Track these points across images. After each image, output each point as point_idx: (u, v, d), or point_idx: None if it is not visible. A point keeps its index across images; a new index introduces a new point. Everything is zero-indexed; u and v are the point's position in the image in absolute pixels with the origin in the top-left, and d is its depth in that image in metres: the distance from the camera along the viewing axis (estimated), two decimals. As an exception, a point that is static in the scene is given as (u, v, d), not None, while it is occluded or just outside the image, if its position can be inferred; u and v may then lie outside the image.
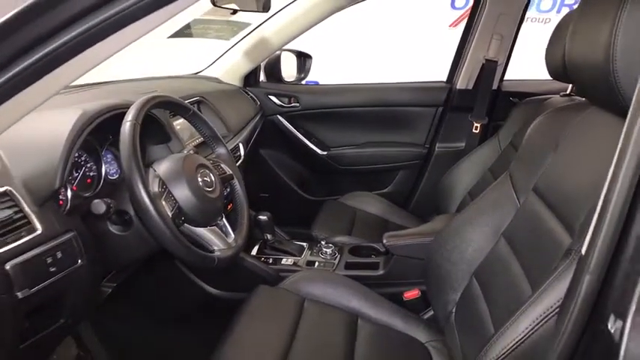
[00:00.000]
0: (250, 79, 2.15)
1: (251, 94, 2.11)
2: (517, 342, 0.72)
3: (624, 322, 0.51)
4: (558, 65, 1.29)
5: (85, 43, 0.57)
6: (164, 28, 0.65)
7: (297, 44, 2.10)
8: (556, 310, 0.65)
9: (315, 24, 2.00)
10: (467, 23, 2.03)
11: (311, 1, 1.92)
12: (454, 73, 2.11)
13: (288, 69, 2.24)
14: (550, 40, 1.39)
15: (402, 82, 2.24)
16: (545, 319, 0.69)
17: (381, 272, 1.53)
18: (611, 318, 0.52)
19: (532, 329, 0.70)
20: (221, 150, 1.28)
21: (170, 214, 0.95)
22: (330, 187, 2.27)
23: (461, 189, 1.90)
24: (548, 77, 1.36)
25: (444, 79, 2.18)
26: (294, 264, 1.57)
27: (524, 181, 1.10)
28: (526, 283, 0.92)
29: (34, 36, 0.55)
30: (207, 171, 1.09)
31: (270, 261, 1.58)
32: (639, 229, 0.52)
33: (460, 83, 2.08)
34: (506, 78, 2.11)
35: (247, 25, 2.05)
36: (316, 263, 1.57)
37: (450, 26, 4.47)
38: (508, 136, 1.80)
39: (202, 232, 1.05)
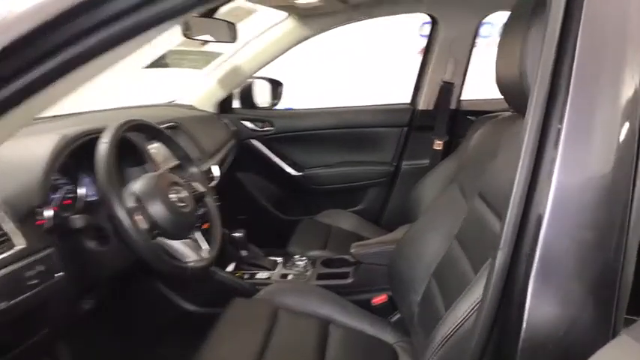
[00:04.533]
0: (224, 105, 2.25)
1: (225, 120, 2.21)
2: (457, 324, 0.80)
3: (527, 286, 0.61)
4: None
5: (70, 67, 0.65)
6: (139, 59, 0.74)
7: (280, 69, 2.22)
8: None
9: (284, 52, 2.13)
10: (425, 48, 2.19)
11: (279, 31, 2.06)
12: (416, 95, 2.25)
13: (262, 95, 2.35)
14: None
15: (370, 105, 2.37)
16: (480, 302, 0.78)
17: (350, 280, 1.61)
18: (519, 284, 0.62)
19: (470, 311, 0.79)
20: (193, 170, 1.36)
21: (145, 226, 1.03)
22: (305, 206, 2.36)
23: (426, 202, 1.99)
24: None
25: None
26: (269, 277, 1.64)
27: (471, 188, 1.21)
28: (473, 277, 1.01)
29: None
30: (179, 188, 1.18)
31: (246, 276, 1.65)
32: (537, 212, 0.63)
33: (422, 104, 2.22)
34: (465, 98, 2.25)
35: (220, 54, 2.17)
36: (290, 275, 1.65)
37: (419, 53, 4.68)
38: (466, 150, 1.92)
39: (177, 244, 1.12)
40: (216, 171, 1.75)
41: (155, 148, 1.47)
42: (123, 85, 2.14)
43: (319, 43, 2.24)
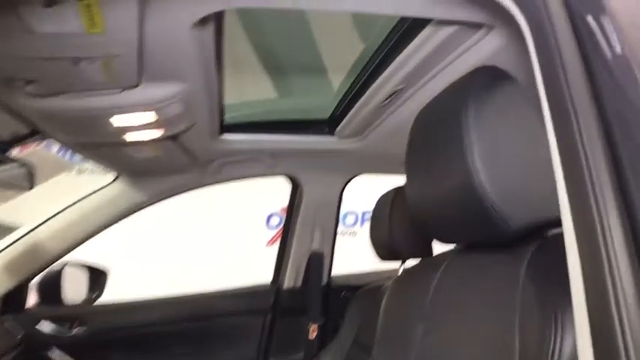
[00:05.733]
0: (11, 302, 1.57)
1: (8, 323, 1.51)
2: None
3: None
4: (386, 245, 1.28)
5: None
6: None
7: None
8: None
9: (110, 226, 1.67)
10: (286, 217, 1.94)
11: (104, 196, 1.63)
12: (279, 271, 1.91)
13: (74, 287, 1.75)
14: (372, 227, 1.36)
15: (220, 289, 1.91)
16: None
17: None
18: None
19: None
20: None
21: None
22: None
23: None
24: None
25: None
26: None
27: None
28: None
29: None
30: None
31: None
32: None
33: (287, 282, 1.88)
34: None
35: (13, 229, 1.59)
36: None
37: (267, 245, 4.52)
38: (350, 334, 1.56)
39: None
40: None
41: None
42: None
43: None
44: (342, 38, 1.26)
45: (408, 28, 0.92)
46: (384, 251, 1.33)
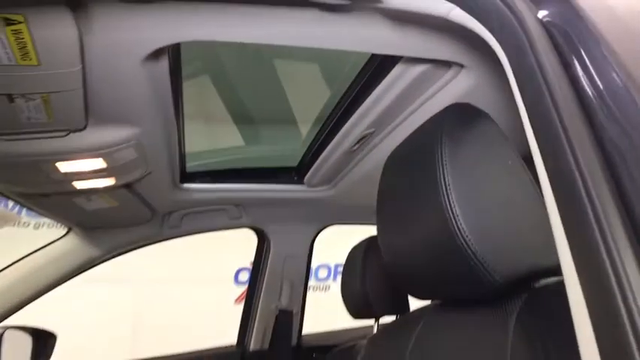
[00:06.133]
0: None
1: None
2: None
3: None
4: (359, 301, 1.18)
5: None
6: None
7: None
8: None
9: (59, 284, 1.52)
10: (252, 272, 1.82)
11: (53, 252, 1.49)
12: (245, 332, 1.76)
13: (16, 354, 1.57)
14: (343, 282, 1.27)
15: (182, 352, 1.75)
16: None
17: None
18: None
19: None
20: None
21: None
22: None
23: None
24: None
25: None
26: None
27: None
28: None
29: None
30: None
31: None
32: None
33: (253, 343, 1.72)
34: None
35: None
36: None
37: (235, 302, 4.31)
38: (322, 401, 1.42)
39: None
40: None
41: None
42: None
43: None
44: (310, 84, 1.23)
45: (375, 70, 0.88)
46: (357, 309, 1.23)
